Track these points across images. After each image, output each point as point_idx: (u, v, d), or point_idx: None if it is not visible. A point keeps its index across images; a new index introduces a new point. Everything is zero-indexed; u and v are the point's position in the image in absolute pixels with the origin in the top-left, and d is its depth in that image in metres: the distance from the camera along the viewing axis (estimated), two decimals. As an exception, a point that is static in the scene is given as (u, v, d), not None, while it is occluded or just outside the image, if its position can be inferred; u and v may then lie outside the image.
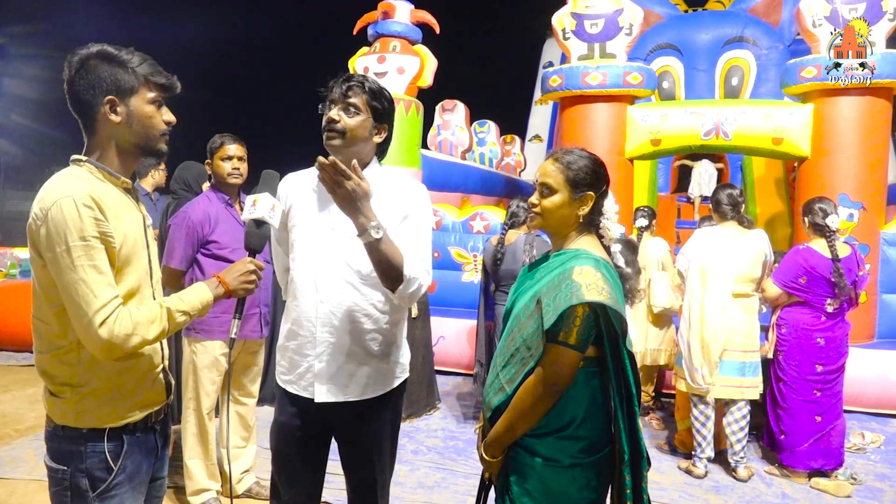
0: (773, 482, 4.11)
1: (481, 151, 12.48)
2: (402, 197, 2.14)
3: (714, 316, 4.04)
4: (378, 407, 2.17)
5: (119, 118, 1.67)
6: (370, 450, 2.18)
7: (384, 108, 2.11)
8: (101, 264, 1.56)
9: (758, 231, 4.16)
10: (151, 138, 1.73)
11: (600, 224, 1.98)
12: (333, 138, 2.04)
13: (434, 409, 5.37)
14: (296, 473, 2.22)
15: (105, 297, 1.55)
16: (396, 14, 7.43)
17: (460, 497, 3.72)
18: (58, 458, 1.66)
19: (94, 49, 1.66)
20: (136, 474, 1.72)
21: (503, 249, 4.55)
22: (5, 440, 4.50)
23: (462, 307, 6.85)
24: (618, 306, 1.77)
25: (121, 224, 1.64)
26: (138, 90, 1.68)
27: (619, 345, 1.82)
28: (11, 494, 3.62)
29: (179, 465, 3.53)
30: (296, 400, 2.17)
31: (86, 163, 1.68)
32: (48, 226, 1.54)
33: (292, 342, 2.16)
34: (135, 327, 1.57)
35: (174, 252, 3.29)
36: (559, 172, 1.90)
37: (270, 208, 1.92)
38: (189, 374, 3.38)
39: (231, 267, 1.83)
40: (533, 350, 1.82)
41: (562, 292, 1.77)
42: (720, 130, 6.30)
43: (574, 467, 1.84)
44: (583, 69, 6.47)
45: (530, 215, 1.97)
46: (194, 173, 4.53)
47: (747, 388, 4.07)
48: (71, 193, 1.55)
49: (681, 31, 10.47)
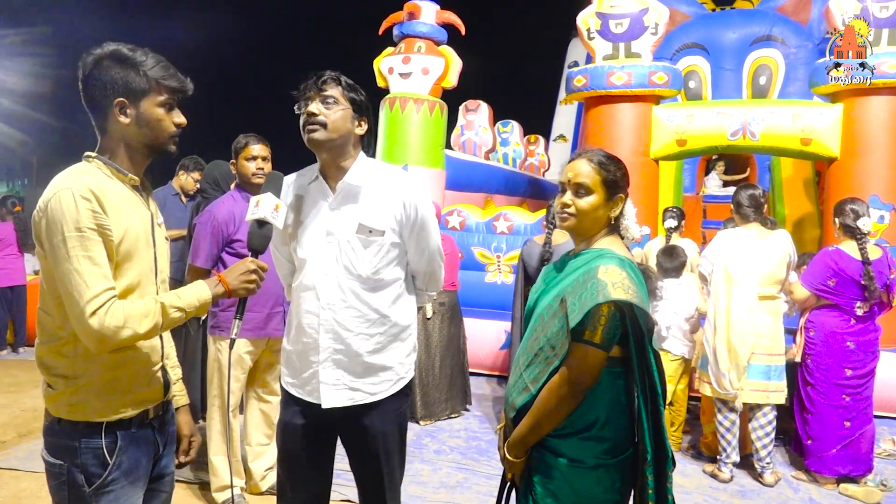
0: (800, 487, 4.05)
1: (505, 152, 12.44)
2: (396, 192, 2.11)
3: (741, 319, 3.98)
4: (384, 408, 2.16)
5: (128, 120, 1.68)
6: (376, 450, 2.17)
7: (362, 101, 2.10)
8: (95, 255, 1.57)
9: (781, 231, 4.10)
10: (160, 140, 1.74)
11: (621, 224, 1.97)
12: (315, 131, 2.02)
13: (456, 413, 5.23)
14: (301, 472, 2.22)
15: (97, 288, 1.55)
16: (422, 15, 7.43)
17: (482, 498, 3.72)
18: (55, 453, 1.68)
19: (108, 49, 1.67)
20: (132, 470, 1.72)
21: (551, 249, 4.43)
22: (35, 434, 4.58)
23: (485, 308, 6.83)
24: (644, 305, 1.77)
25: (122, 219, 1.65)
26: (149, 93, 1.69)
27: (644, 343, 1.81)
28: (41, 488, 3.68)
29: (204, 461, 3.58)
30: (300, 400, 2.17)
31: (95, 159, 1.70)
32: (47, 217, 1.57)
33: (296, 347, 2.16)
34: (126, 320, 1.57)
35: (199, 251, 3.33)
36: (595, 173, 1.89)
37: (273, 209, 1.92)
38: (213, 372, 3.42)
39: (232, 267, 1.82)
40: (557, 349, 1.82)
41: (587, 291, 1.76)
42: (747, 131, 6.22)
43: (598, 468, 1.84)
44: (607, 69, 6.42)
45: (562, 216, 1.93)
46: (223, 172, 4.57)
47: (773, 393, 4.01)
48: (70, 186, 1.57)
49: (708, 30, 10.34)
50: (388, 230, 2.09)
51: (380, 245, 2.09)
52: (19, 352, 7.17)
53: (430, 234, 2.20)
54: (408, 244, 2.16)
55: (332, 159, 2.10)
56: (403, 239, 2.14)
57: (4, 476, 3.84)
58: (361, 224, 2.07)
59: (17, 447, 4.31)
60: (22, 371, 6.40)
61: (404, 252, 2.18)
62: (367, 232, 2.07)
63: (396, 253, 2.14)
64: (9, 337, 7.26)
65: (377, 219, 2.08)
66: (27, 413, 5.06)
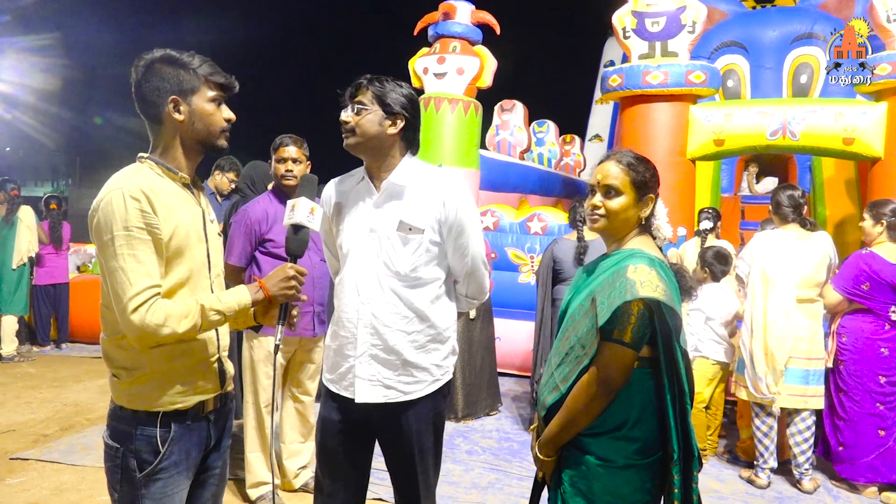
0: (839, 495, 3.96)
1: (540, 151, 12.38)
2: (438, 192, 2.14)
3: (778, 323, 3.90)
4: (419, 407, 2.17)
5: (182, 116, 1.76)
6: (411, 449, 2.19)
7: (393, 100, 2.12)
8: (141, 254, 1.64)
9: (821, 233, 4.00)
10: (212, 135, 1.82)
11: (653, 225, 1.97)
12: (347, 138, 2.12)
13: (495, 411, 5.35)
14: (338, 468, 2.25)
15: (140, 286, 1.62)
16: (457, 15, 7.43)
17: (514, 499, 3.71)
18: (114, 437, 1.76)
19: (158, 53, 1.76)
20: (182, 461, 1.78)
21: (586, 244, 4.42)
22: (76, 428, 4.71)
23: (518, 308, 6.81)
24: (672, 303, 1.77)
25: (172, 216, 1.71)
26: (199, 89, 1.78)
27: (672, 342, 1.80)
28: (82, 480, 3.78)
29: (240, 457, 3.64)
30: (338, 396, 2.20)
31: (147, 159, 1.78)
32: (99, 216, 1.65)
33: (335, 343, 2.21)
34: (166, 319, 1.63)
35: (233, 248, 3.41)
36: (624, 174, 1.91)
37: (309, 212, 1.93)
38: (247, 369, 3.49)
39: (272, 273, 1.86)
40: (587, 348, 1.83)
41: (616, 290, 1.77)
42: (787, 130, 6.09)
43: (628, 468, 1.83)
44: (643, 68, 6.35)
45: (593, 217, 1.95)
46: (260, 173, 4.64)
47: (811, 398, 3.92)
48: (121, 186, 1.65)
49: (747, 28, 10.17)
50: (427, 228, 2.12)
51: (418, 243, 2.12)
52: (62, 348, 7.37)
53: (469, 237, 2.20)
54: (447, 245, 2.18)
55: (372, 160, 2.16)
56: (443, 239, 2.16)
57: (47, 469, 3.95)
58: (402, 221, 2.12)
59: (59, 441, 4.42)
60: (64, 367, 6.57)
61: (445, 253, 2.20)
62: (406, 229, 2.11)
63: (436, 252, 2.16)
64: (52, 333, 7.47)
65: (417, 217, 2.12)
66: (69, 408, 5.20)
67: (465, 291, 2.34)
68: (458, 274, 2.27)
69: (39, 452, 4.18)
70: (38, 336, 7.32)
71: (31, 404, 5.26)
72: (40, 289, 7.24)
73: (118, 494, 1.75)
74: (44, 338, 7.34)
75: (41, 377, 6.12)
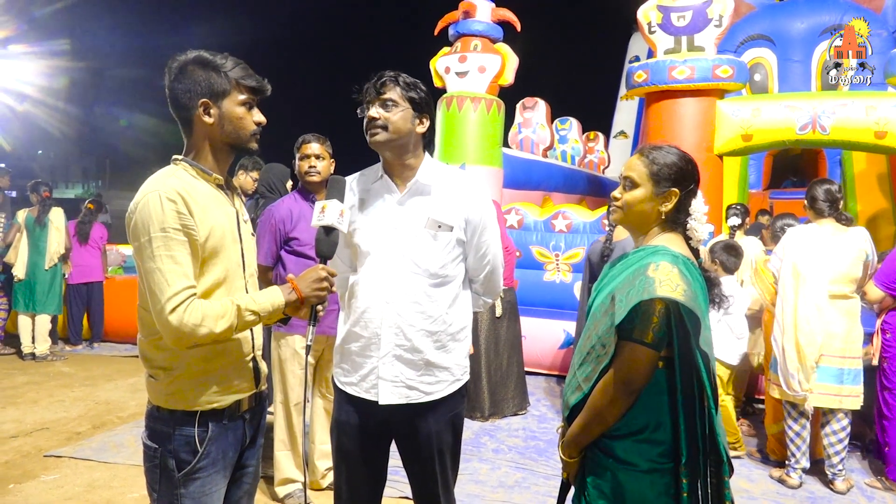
0: (874, 495, 3.88)
1: (563, 149, 12.33)
2: (465, 192, 2.15)
3: (809, 318, 3.83)
4: (437, 408, 2.16)
5: (212, 120, 1.77)
6: (430, 450, 2.17)
7: (421, 98, 2.11)
8: (178, 255, 1.65)
9: (858, 229, 3.92)
10: (242, 138, 1.83)
11: (687, 224, 1.92)
12: (376, 134, 2.07)
13: (523, 411, 5.29)
14: (357, 472, 2.23)
15: (177, 287, 1.63)
16: (478, 13, 7.42)
17: (540, 498, 3.69)
18: (153, 437, 1.78)
19: (191, 55, 1.77)
20: (219, 460, 1.80)
21: (612, 245, 4.41)
22: (108, 426, 4.78)
23: (543, 307, 6.79)
24: (692, 303, 1.70)
25: (207, 217, 1.73)
26: (230, 93, 1.78)
27: (689, 344, 1.75)
28: (114, 478, 3.84)
29: (268, 455, 3.66)
30: (355, 399, 2.17)
31: (181, 161, 1.80)
32: (136, 218, 1.67)
33: (354, 344, 2.15)
34: (203, 319, 1.64)
35: (259, 247, 3.43)
36: (643, 166, 1.89)
37: (339, 214, 1.94)
38: (276, 367, 3.51)
39: (304, 273, 1.85)
40: (607, 347, 1.79)
41: (635, 288, 1.73)
42: (817, 124, 5.99)
43: (652, 472, 1.79)
44: (669, 63, 6.28)
45: (611, 208, 1.95)
46: (277, 174, 4.67)
47: (846, 398, 3.84)
48: (158, 188, 1.66)
49: (774, 20, 10.02)
50: (456, 226, 2.12)
51: (447, 240, 2.11)
52: (95, 347, 7.47)
53: (492, 237, 2.21)
54: (468, 245, 2.17)
55: (396, 158, 2.13)
56: (468, 237, 2.16)
57: (79, 466, 4.01)
58: (431, 219, 2.10)
59: (91, 438, 4.49)
60: (97, 365, 6.68)
61: (465, 253, 2.20)
62: (436, 227, 2.09)
63: (460, 251, 2.16)
64: (85, 332, 7.58)
65: (447, 214, 2.11)
66: (101, 406, 5.28)
67: (481, 291, 2.33)
68: (475, 274, 2.26)
69: (72, 450, 4.24)
70: (70, 335, 7.43)
71: (64, 402, 5.35)
72: (73, 287, 7.34)
73: (157, 494, 1.77)
74: (76, 337, 7.44)
75: (73, 376, 6.22)
